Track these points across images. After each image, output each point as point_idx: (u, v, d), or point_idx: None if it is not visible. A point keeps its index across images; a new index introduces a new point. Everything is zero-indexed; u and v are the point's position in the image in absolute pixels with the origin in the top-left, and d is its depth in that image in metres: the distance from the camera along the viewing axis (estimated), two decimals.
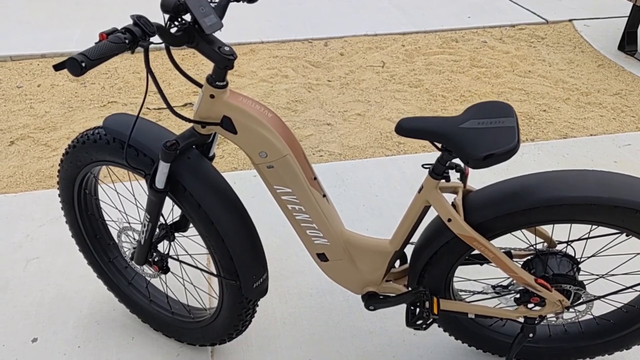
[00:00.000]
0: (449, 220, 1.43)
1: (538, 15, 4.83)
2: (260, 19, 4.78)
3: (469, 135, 1.30)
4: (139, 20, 1.11)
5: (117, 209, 1.91)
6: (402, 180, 2.77)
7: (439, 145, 1.38)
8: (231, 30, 4.51)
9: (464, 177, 1.44)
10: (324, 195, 1.53)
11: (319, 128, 3.29)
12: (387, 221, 2.50)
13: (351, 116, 3.42)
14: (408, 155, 3.01)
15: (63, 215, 1.89)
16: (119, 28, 1.11)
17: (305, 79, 3.85)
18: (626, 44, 4.19)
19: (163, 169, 1.42)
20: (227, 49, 1.28)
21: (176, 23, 1.27)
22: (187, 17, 1.26)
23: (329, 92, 3.69)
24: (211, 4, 1.35)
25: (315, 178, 1.50)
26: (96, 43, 1.06)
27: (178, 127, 3.28)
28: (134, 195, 1.78)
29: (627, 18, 4.22)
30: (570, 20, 4.76)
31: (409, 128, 1.36)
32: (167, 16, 1.25)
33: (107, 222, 1.94)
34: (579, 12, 4.91)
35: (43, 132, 3.25)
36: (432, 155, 2.99)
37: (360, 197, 2.65)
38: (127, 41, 1.07)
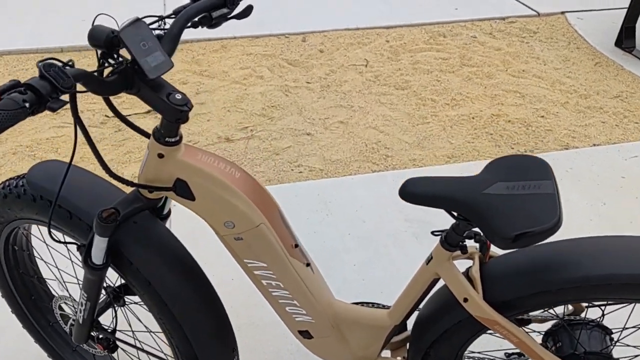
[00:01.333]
0: (465, 300, 1.15)
1: (529, 7, 4.55)
2: None
3: (496, 205, 1.01)
4: (48, 71, 0.78)
5: (47, 264, 1.58)
6: (392, 202, 2.48)
7: (455, 213, 1.09)
8: None
9: (484, 249, 1.15)
10: (308, 264, 1.23)
11: (298, 139, 2.98)
12: (376, 253, 2.21)
13: (333, 124, 3.11)
14: (398, 171, 2.72)
15: None
16: (22, 81, 0.78)
17: (282, 80, 3.52)
18: (624, 40, 3.93)
19: (99, 243, 1.10)
20: (178, 96, 0.96)
21: (111, 61, 0.94)
22: (127, 53, 0.93)
23: (308, 95, 3.37)
24: (158, 30, 1.02)
25: (296, 245, 1.20)
26: None
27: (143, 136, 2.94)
28: (68, 249, 1.44)
29: (625, 11, 3.95)
30: (562, 13, 4.49)
31: (417, 194, 1.06)
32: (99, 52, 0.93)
33: (46, 280, 1.61)
34: (571, 3, 4.64)
35: None
36: (425, 171, 2.70)
37: (345, 224, 2.36)
38: (27, 105, 0.74)
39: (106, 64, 0.95)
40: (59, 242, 1.13)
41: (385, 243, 2.26)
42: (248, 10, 1.10)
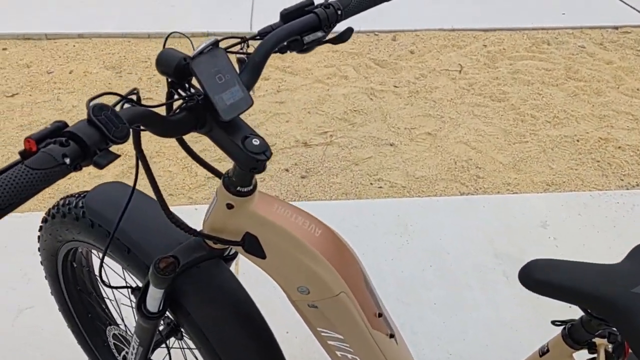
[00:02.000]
0: None
1: None
2: None
3: None
4: (98, 116, 0.62)
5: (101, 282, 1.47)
6: (481, 232, 2.23)
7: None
8: None
9: (621, 353, 0.91)
10: (392, 335, 1.04)
11: (380, 149, 2.77)
12: (460, 292, 1.98)
13: (420, 135, 2.87)
14: (489, 196, 2.46)
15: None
16: (66, 128, 0.63)
17: (367, 81, 3.32)
18: None
19: (155, 293, 0.96)
20: (256, 142, 0.78)
21: (181, 92, 0.78)
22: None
23: (395, 101, 3.15)
24: (239, 55, 0.85)
25: (380, 314, 1.01)
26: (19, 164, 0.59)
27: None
28: (124, 274, 1.32)
29: None
30: None
31: (545, 282, 0.84)
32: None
33: (105, 298, 1.51)
34: None
35: None
36: (521, 199, 2.43)
37: (426, 254, 2.14)
38: (67, 161, 0.59)
39: (175, 95, 0.79)
40: (110, 287, 1.00)
41: (471, 281, 2.03)
42: (347, 34, 0.92)
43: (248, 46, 0.87)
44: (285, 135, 2.87)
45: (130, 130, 0.65)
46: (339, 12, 0.89)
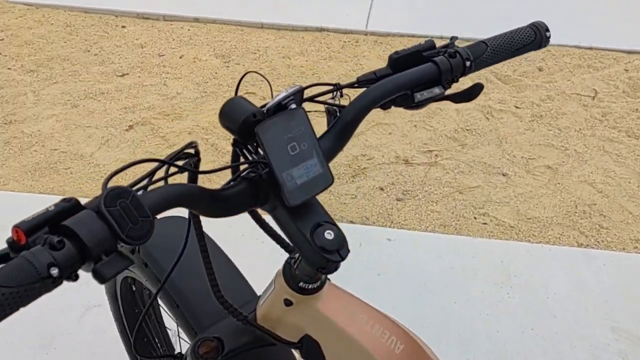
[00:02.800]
0: None
1: None
2: (442, 5, 3.92)
3: None
4: (111, 207, 0.46)
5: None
6: (597, 297, 1.91)
7: None
8: (405, 13, 3.74)
9: None
10: None
11: (490, 178, 2.49)
12: None
13: (538, 168, 2.55)
14: (612, 252, 2.11)
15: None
16: (65, 221, 0.46)
17: (485, 98, 3.01)
18: None
19: None
20: (329, 235, 0.59)
21: (247, 154, 0.61)
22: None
23: (514, 124, 2.83)
24: (327, 102, 0.66)
25: None
26: None
27: None
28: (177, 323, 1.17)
29: None
30: None
31: None
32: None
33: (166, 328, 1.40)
34: None
35: (167, 119, 2.83)
36: None
37: (529, 314, 1.86)
38: (55, 273, 0.44)
39: (240, 157, 0.62)
40: (145, 356, 0.86)
41: (579, 356, 1.73)
42: (475, 91, 0.69)
43: (342, 95, 0.67)
44: (386, 149, 2.66)
45: (154, 222, 0.48)
46: (468, 63, 0.67)
